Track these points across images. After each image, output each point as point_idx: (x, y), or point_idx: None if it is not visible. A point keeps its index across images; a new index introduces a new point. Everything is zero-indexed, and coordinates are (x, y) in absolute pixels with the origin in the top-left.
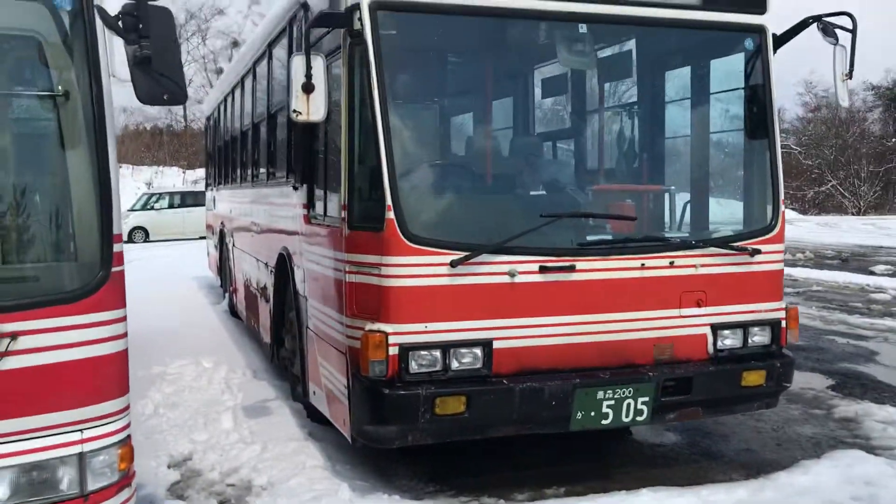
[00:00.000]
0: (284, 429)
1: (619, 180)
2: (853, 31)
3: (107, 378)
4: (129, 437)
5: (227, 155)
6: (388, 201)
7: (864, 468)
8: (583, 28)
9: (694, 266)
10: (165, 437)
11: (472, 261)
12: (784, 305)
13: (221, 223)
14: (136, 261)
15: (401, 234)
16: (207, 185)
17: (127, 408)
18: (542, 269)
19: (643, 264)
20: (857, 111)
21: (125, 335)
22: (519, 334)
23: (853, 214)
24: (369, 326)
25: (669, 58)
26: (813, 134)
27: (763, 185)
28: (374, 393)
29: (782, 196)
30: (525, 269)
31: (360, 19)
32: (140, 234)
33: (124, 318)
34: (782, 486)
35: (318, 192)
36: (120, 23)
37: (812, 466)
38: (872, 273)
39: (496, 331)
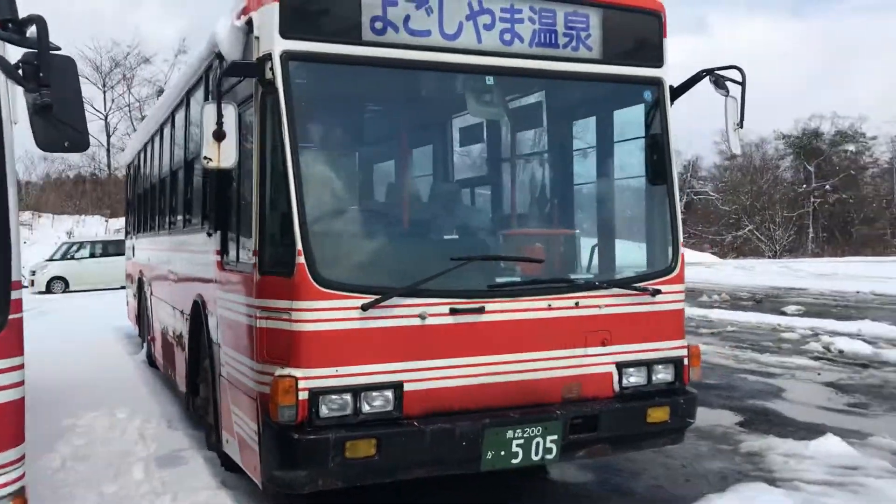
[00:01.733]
0: (197, 478)
1: (528, 225)
2: (742, 84)
3: (1, 427)
4: (23, 488)
5: (146, 202)
6: (299, 246)
7: (764, 499)
8: (489, 80)
9: (598, 306)
10: (72, 491)
11: (383, 304)
12: (686, 344)
13: (140, 271)
14: (54, 312)
15: (311, 279)
16: (127, 233)
17: (22, 458)
18: (453, 311)
19: (550, 305)
20: (770, 159)
21: (22, 383)
22: (430, 376)
23: (769, 257)
24: (279, 371)
25: (574, 108)
26: (729, 181)
27: (663, 229)
28: (284, 438)
29: (681, 239)
30: (435, 312)
31: (272, 69)
32: (59, 284)
33: (21, 367)
34: None
35: (232, 239)
36: (20, 71)
37: (716, 500)
38: (784, 313)
39: (407, 373)
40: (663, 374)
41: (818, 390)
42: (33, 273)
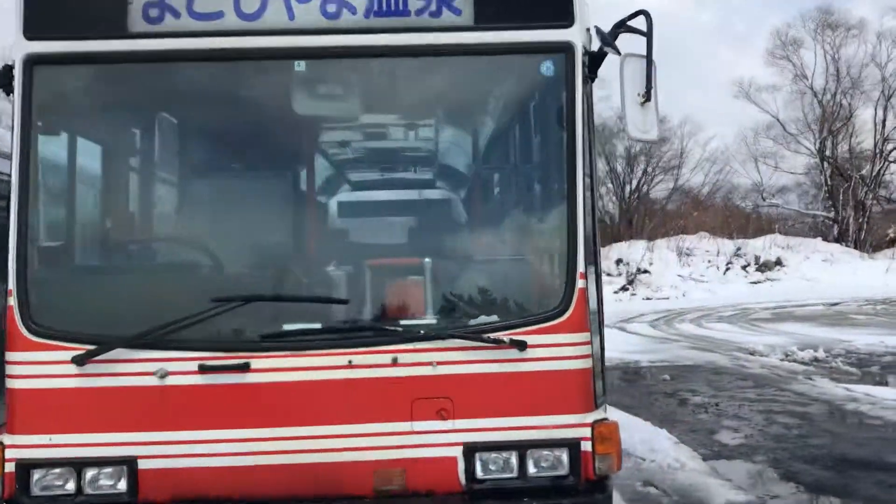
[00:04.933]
0: None
1: (341, 254)
2: (648, 35)
3: None
4: None
5: None
6: (10, 285)
7: None
8: (300, 66)
9: (430, 364)
10: None
11: (104, 358)
12: (591, 420)
13: None
14: None
15: (20, 325)
16: None
17: None
18: (203, 369)
19: (350, 361)
20: None
21: None
22: (174, 452)
23: None
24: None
25: (436, 94)
26: None
27: (552, 252)
28: None
29: (581, 267)
30: (180, 369)
31: (15, 78)
32: None
33: None
34: None
35: None
36: None
37: None
38: None
39: (143, 447)
40: (547, 464)
41: None
42: None
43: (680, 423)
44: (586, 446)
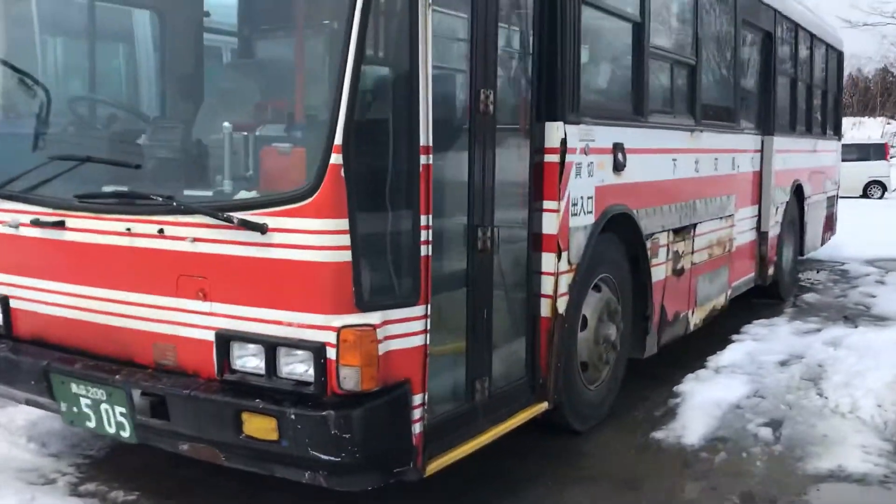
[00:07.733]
0: None
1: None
2: None
3: None
4: None
5: None
6: None
7: None
8: None
9: (186, 238)
10: None
11: None
12: (339, 324)
13: None
14: None
15: None
16: None
17: None
18: (35, 223)
19: (129, 229)
20: None
21: None
22: (33, 297)
23: None
24: None
25: None
26: None
27: (311, 118)
28: None
29: (339, 139)
30: (25, 221)
31: None
32: None
33: None
34: None
35: None
36: None
37: None
38: None
39: (14, 288)
40: (294, 366)
41: None
42: None
43: None
44: (332, 354)
